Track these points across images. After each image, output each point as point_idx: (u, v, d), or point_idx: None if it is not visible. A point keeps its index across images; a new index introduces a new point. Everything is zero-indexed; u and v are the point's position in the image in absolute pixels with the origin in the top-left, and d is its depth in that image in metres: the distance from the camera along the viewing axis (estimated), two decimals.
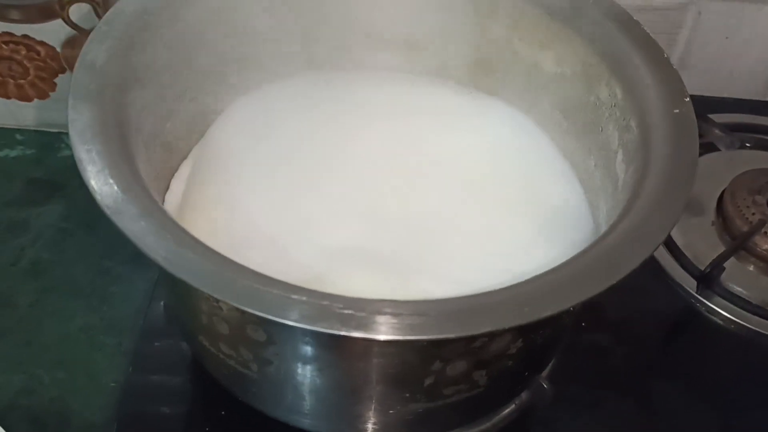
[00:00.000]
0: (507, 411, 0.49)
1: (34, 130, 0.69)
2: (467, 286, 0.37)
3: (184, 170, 0.48)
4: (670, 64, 0.43)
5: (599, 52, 0.46)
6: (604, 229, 0.39)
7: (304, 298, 0.32)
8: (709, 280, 0.57)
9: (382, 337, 0.31)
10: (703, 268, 0.58)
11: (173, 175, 0.48)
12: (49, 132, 0.69)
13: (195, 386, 0.51)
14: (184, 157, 0.49)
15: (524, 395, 0.48)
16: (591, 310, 0.55)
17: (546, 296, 0.32)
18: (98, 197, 0.34)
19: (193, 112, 0.48)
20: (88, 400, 0.52)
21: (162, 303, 0.55)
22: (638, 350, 0.56)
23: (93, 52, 0.41)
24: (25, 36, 0.63)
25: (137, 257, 0.57)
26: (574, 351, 0.52)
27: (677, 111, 0.41)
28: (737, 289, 0.58)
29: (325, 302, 0.32)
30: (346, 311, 0.32)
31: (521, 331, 0.36)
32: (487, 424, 0.49)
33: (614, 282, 0.33)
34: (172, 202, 0.46)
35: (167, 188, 0.46)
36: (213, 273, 0.32)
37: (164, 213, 0.35)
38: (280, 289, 0.32)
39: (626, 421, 0.52)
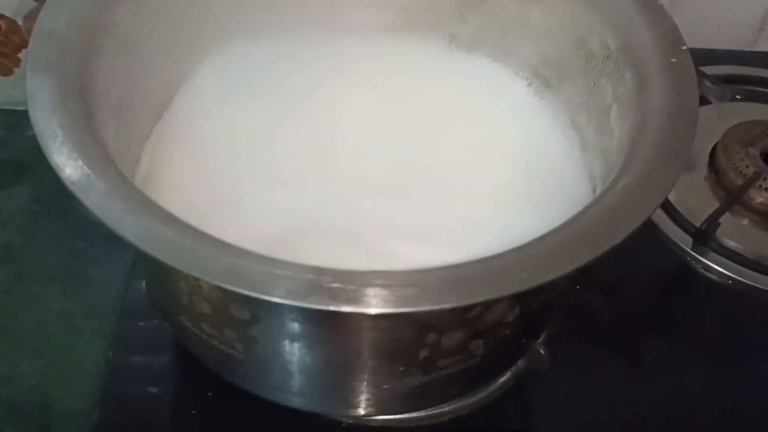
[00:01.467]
0: (503, 379, 0.48)
1: None
2: (457, 251, 0.35)
3: (154, 140, 0.45)
4: (664, 11, 0.41)
5: (589, 3, 0.44)
6: (600, 188, 0.38)
7: (290, 273, 0.30)
8: (704, 236, 0.56)
9: (373, 311, 0.30)
10: (698, 225, 0.56)
11: (143, 146, 0.45)
12: (15, 110, 0.66)
13: (179, 367, 0.50)
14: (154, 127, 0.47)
15: (521, 362, 0.47)
16: (585, 271, 0.54)
17: (545, 261, 0.31)
18: (62, 173, 0.32)
19: (162, 78, 0.45)
20: (70, 386, 0.50)
21: (144, 282, 0.53)
22: (633, 310, 0.55)
23: (51, 19, 0.38)
24: None
25: (112, 237, 0.55)
26: (568, 313, 0.51)
27: (674, 60, 0.39)
28: (732, 244, 0.57)
29: (312, 276, 0.30)
30: (334, 285, 0.30)
31: (519, 297, 0.34)
32: (484, 393, 0.48)
33: (615, 243, 0.31)
34: (142, 175, 0.43)
35: (138, 161, 0.44)
36: (190, 250, 0.30)
37: (135, 188, 0.33)
38: (263, 264, 0.30)
39: (623, 381, 0.51)
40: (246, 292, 0.29)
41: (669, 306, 0.56)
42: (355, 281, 0.30)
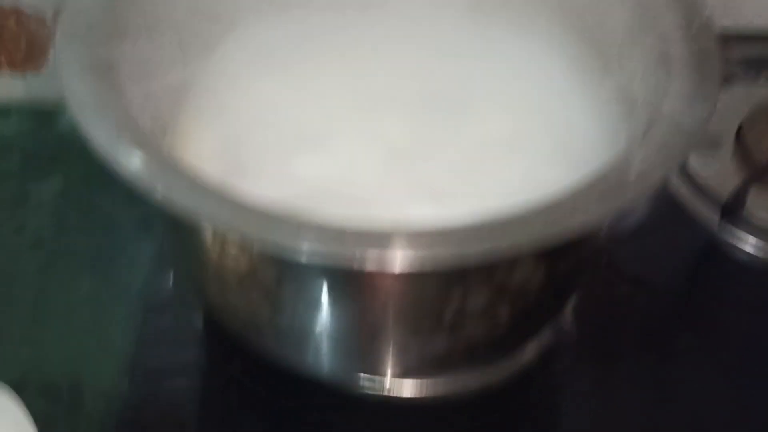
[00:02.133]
0: (529, 354, 0.48)
1: (29, 104, 0.67)
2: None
3: (178, 114, 0.46)
4: None
5: None
6: (623, 147, 0.38)
7: (317, 233, 0.30)
8: (731, 211, 0.56)
9: (398, 269, 0.30)
10: (724, 201, 0.56)
11: (168, 121, 0.46)
12: (45, 105, 0.67)
13: (209, 351, 0.50)
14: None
15: (546, 336, 0.47)
16: (610, 250, 0.54)
17: (572, 211, 0.31)
18: (96, 143, 0.33)
19: (188, 51, 0.46)
20: (100, 366, 0.50)
21: (170, 268, 0.54)
22: (660, 294, 0.54)
23: None
24: (14, 8, 0.61)
25: (140, 227, 0.56)
26: (592, 299, 0.51)
27: (697, 25, 0.39)
28: (759, 220, 0.56)
29: (338, 235, 0.30)
30: (360, 244, 0.30)
31: (544, 255, 0.34)
32: (509, 370, 0.47)
33: (642, 192, 0.31)
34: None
35: (164, 135, 0.45)
36: (218, 206, 0.31)
37: (163, 151, 0.34)
38: (293, 222, 0.31)
39: (649, 372, 0.50)
40: (275, 241, 0.29)
41: (697, 289, 0.55)
42: (380, 240, 0.30)
